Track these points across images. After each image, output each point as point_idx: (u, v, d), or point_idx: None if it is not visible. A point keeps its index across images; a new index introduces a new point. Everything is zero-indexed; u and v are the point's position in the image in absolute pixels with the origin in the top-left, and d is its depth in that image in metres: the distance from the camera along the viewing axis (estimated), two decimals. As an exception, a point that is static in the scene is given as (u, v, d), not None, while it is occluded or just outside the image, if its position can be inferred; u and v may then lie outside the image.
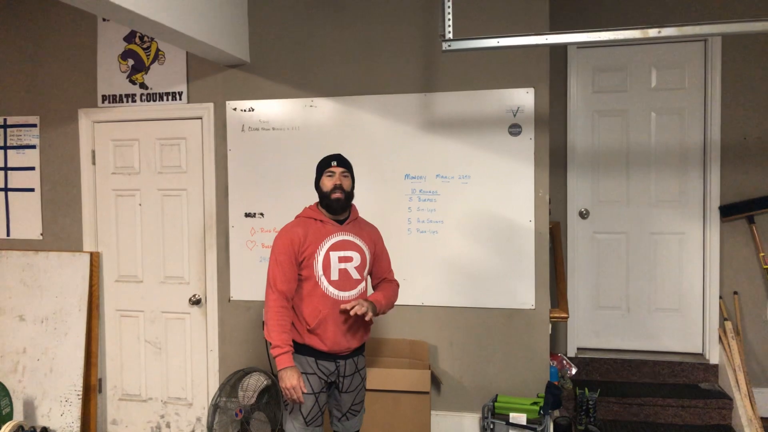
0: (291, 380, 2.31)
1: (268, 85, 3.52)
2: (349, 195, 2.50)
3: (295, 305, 2.47)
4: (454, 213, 3.34)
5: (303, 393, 2.39)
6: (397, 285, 2.68)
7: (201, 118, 3.60)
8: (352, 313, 2.35)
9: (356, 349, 2.54)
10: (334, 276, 2.43)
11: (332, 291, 2.43)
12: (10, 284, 3.81)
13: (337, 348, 2.44)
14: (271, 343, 2.36)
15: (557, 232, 3.88)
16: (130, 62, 3.68)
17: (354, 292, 2.47)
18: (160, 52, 3.64)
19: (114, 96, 3.71)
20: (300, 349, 2.44)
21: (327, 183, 2.47)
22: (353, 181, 2.54)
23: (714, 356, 3.84)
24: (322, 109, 3.45)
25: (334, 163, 2.48)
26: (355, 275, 2.48)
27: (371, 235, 2.59)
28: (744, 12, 3.76)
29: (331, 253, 2.43)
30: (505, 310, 3.31)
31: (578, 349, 4.08)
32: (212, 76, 3.58)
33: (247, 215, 3.56)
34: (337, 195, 2.44)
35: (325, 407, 2.53)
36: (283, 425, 2.49)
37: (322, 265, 2.42)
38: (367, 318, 2.38)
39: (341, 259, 2.45)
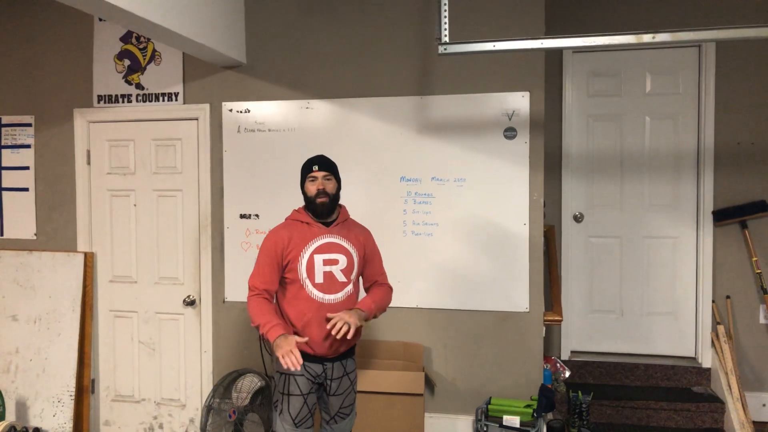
0: (282, 348, 2.20)
1: (264, 86, 3.52)
2: (334, 197, 2.48)
3: (280, 308, 2.47)
4: (449, 216, 3.35)
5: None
6: (390, 288, 2.63)
7: (197, 119, 3.60)
8: (334, 333, 2.28)
9: (345, 352, 2.52)
10: (319, 279, 2.42)
11: (317, 294, 2.41)
12: (3, 284, 3.79)
13: (322, 351, 2.43)
14: (259, 328, 2.33)
15: (551, 235, 3.89)
16: (126, 62, 3.68)
17: (340, 295, 2.44)
18: (156, 53, 3.64)
19: (110, 96, 3.71)
20: None
21: (310, 188, 2.45)
22: (339, 182, 2.51)
23: (707, 360, 3.85)
24: (318, 111, 3.46)
25: (316, 168, 2.46)
26: (341, 278, 2.45)
27: (360, 237, 2.55)
28: (738, 18, 3.78)
29: (315, 255, 2.42)
30: (499, 312, 3.32)
31: (572, 352, 4.09)
32: (208, 77, 3.59)
33: (242, 216, 3.56)
34: (321, 200, 2.43)
35: (315, 408, 2.52)
36: (273, 426, 2.48)
37: (306, 267, 2.41)
38: (349, 336, 2.30)
39: (326, 262, 2.43)
